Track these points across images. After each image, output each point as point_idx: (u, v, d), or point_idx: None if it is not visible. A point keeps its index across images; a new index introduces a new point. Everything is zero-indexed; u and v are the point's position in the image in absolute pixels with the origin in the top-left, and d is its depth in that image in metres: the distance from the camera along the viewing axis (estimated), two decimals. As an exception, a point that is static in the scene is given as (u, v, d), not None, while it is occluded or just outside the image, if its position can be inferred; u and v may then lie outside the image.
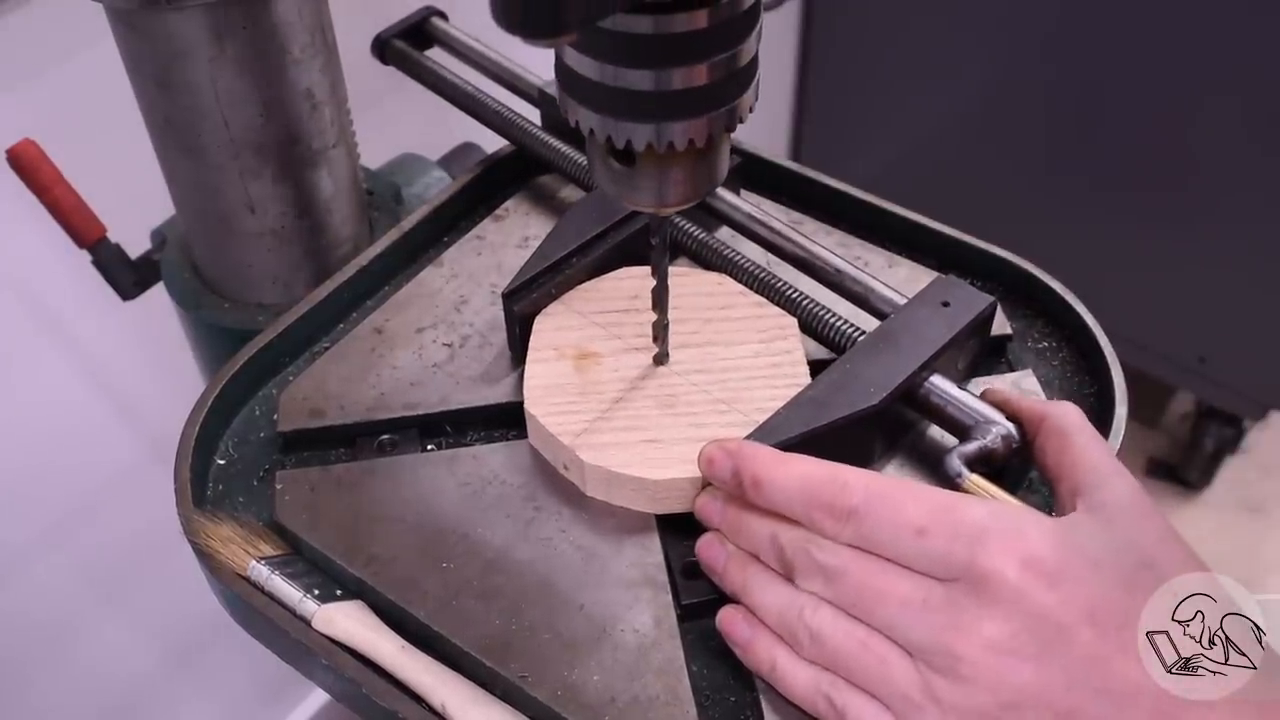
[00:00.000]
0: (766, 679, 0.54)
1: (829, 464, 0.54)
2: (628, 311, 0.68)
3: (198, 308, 0.85)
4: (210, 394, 0.67)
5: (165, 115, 0.75)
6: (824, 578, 0.51)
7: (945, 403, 0.61)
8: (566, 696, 0.54)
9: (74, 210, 0.87)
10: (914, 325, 0.63)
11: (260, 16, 0.71)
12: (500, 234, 0.78)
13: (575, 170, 0.78)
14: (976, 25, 1.76)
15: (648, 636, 0.56)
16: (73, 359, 1.13)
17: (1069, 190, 1.81)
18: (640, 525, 0.61)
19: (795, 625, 0.52)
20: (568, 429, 0.62)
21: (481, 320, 0.72)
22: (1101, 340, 0.68)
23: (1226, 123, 1.62)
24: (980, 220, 0.86)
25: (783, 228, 0.71)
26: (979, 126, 1.88)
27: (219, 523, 0.61)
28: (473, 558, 0.60)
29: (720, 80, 0.49)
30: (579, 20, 0.40)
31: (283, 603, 0.58)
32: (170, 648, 1.41)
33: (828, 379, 0.61)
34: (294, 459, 0.67)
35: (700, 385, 0.65)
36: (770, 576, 0.54)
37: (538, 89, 0.81)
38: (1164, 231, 1.76)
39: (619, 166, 0.53)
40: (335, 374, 0.69)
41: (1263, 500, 2.03)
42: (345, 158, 0.82)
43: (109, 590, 1.29)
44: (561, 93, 0.51)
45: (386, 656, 0.56)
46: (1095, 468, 0.53)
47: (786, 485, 0.53)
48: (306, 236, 0.82)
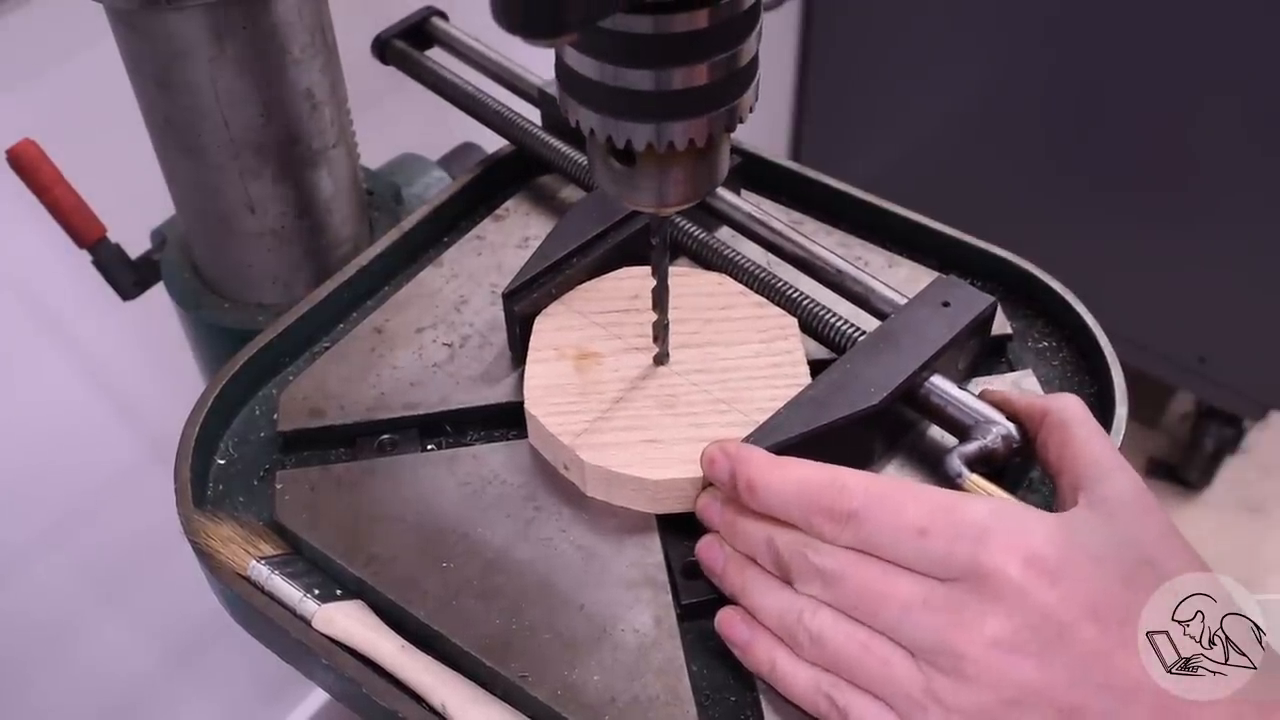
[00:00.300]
0: (766, 680, 0.54)
1: (826, 467, 0.54)
2: (628, 311, 0.68)
3: (198, 308, 0.85)
4: (210, 394, 0.67)
5: (165, 115, 0.75)
6: (822, 581, 0.51)
7: (945, 403, 0.61)
8: (566, 696, 0.54)
9: (74, 210, 0.87)
10: (914, 325, 0.63)
11: (260, 16, 0.71)
12: (500, 234, 0.78)
13: (575, 170, 0.78)
14: (976, 25, 1.76)
15: (648, 636, 0.56)
16: (73, 359, 1.13)
17: (1069, 190, 1.81)
18: (640, 525, 0.61)
19: (795, 628, 0.52)
20: (568, 429, 0.62)
21: (481, 320, 0.72)
22: (1101, 340, 0.68)
23: (1226, 123, 1.62)
24: (980, 220, 0.86)
25: (783, 228, 0.71)
26: (979, 126, 1.88)
27: (219, 522, 0.61)
28: (473, 558, 0.60)
29: (720, 80, 0.49)
30: (579, 21, 0.40)
31: (283, 602, 0.58)
32: (170, 648, 1.41)
33: (828, 379, 0.61)
34: (294, 459, 0.67)
35: (700, 385, 0.65)
36: (769, 579, 0.54)
37: (538, 89, 0.81)
38: (1164, 231, 1.76)
39: (619, 166, 0.53)
40: (335, 374, 0.69)
41: (1263, 500, 2.03)
42: (345, 158, 0.82)
43: (109, 590, 1.29)
44: (562, 93, 0.51)
45: (386, 656, 0.56)
46: (1097, 461, 0.53)
47: (782, 490, 0.53)
48: (306, 236, 0.82)
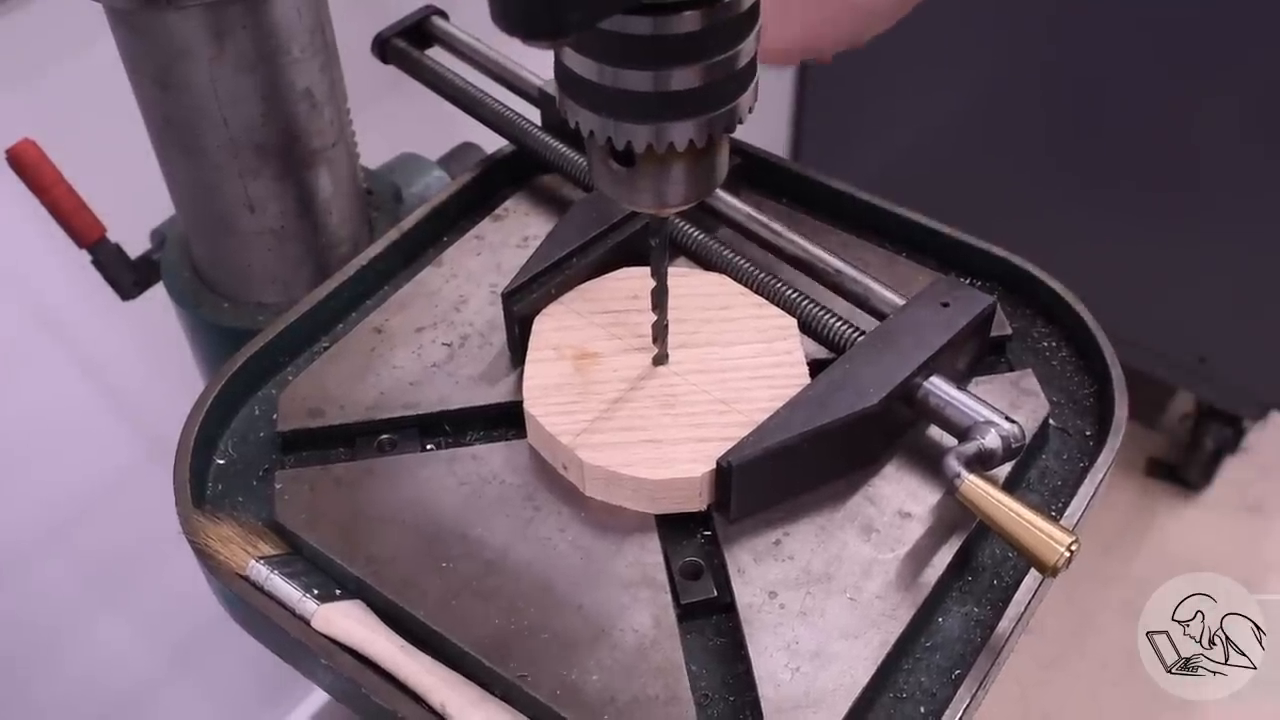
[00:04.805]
0: None
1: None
2: (628, 311, 0.68)
3: (197, 307, 0.85)
4: (210, 394, 0.67)
5: (165, 115, 0.75)
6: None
7: (944, 403, 0.61)
8: (566, 696, 0.54)
9: (74, 210, 0.87)
10: (913, 325, 0.63)
11: (260, 16, 0.71)
12: (500, 234, 0.78)
13: (575, 170, 0.78)
14: (976, 25, 1.76)
15: (647, 636, 0.56)
16: (73, 359, 1.13)
17: (1069, 190, 1.81)
18: (639, 525, 0.61)
19: None
20: (567, 429, 0.62)
21: (481, 320, 0.72)
22: (1101, 340, 0.68)
23: (1226, 123, 1.62)
24: (980, 220, 0.86)
25: (783, 228, 0.71)
26: (979, 127, 1.88)
27: (218, 522, 0.61)
28: (472, 558, 0.60)
29: (720, 81, 0.49)
30: (578, 22, 0.40)
31: (282, 602, 0.58)
32: (170, 648, 1.41)
33: (827, 379, 0.61)
34: (293, 459, 0.67)
35: (700, 385, 0.65)
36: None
37: (538, 89, 0.81)
38: (1164, 231, 1.76)
39: (619, 168, 0.53)
40: (335, 374, 0.69)
41: (1263, 500, 2.03)
42: (345, 157, 0.82)
43: (109, 590, 1.29)
44: (561, 94, 0.51)
45: (386, 656, 0.56)
46: None
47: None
48: (306, 236, 0.82)
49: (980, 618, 0.59)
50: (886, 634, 0.56)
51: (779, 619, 0.57)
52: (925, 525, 0.61)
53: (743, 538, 0.60)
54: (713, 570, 0.60)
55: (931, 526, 0.61)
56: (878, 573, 0.59)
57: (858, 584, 0.58)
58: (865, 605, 0.57)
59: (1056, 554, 0.55)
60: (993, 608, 0.59)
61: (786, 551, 0.60)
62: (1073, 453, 0.66)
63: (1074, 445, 0.67)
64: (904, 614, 0.57)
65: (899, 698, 0.56)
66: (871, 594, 0.58)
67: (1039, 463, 0.66)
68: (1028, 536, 0.55)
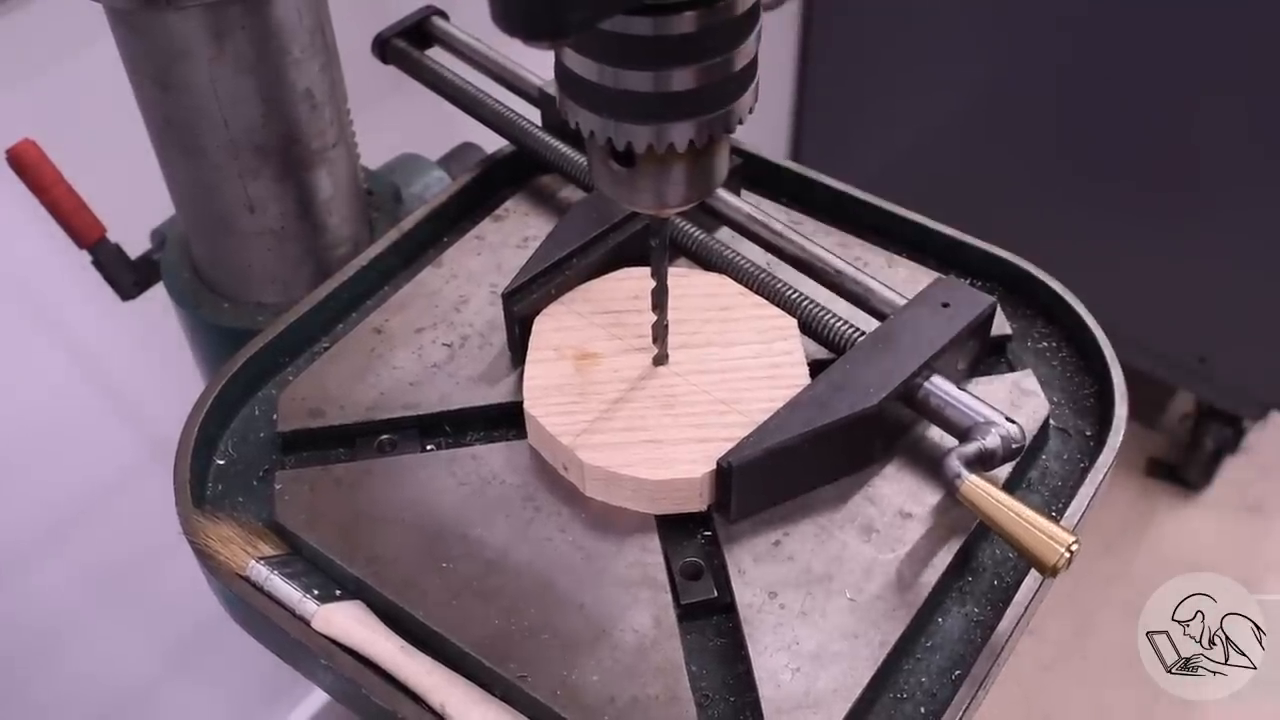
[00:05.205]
0: None
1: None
2: (628, 312, 0.68)
3: (197, 307, 0.85)
4: (210, 394, 0.67)
5: (165, 115, 0.75)
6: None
7: (944, 403, 0.61)
8: (566, 696, 0.54)
9: (74, 210, 0.87)
10: (914, 326, 0.63)
11: (260, 16, 0.71)
12: (500, 234, 0.78)
13: (575, 170, 0.78)
14: (976, 25, 1.76)
15: (647, 636, 0.56)
16: (73, 359, 1.13)
17: (1069, 190, 1.81)
18: (640, 525, 0.61)
19: None
20: (567, 429, 0.62)
21: (481, 320, 0.72)
22: (1101, 340, 0.68)
23: (1227, 123, 1.62)
24: (980, 220, 0.86)
25: (783, 228, 0.71)
26: (979, 126, 1.88)
27: (218, 522, 0.61)
28: (472, 558, 0.60)
29: (719, 82, 0.49)
30: (579, 23, 0.40)
31: (282, 603, 0.58)
32: (170, 648, 1.41)
33: (828, 379, 0.61)
34: (294, 459, 0.67)
35: (700, 386, 0.65)
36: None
37: (538, 89, 0.81)
38: (1164, 231, 1.76)
39: (619, 168, 0.53)
40: (335, 374, 0.69)
41: (1263, 500, 2.03)
42: (345, 158, 0.82)
43: (109, 590, 1.29)
44: (561, 95, 0.51)
45: (386, 657, 0.56)
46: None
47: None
48: (306, 236, 0.82)
49: (980, 618, 0.59)
50: (886, 634, 0.56)
51: (779, 619, 0.57)
52: (925, 525, 0.61)
53: (743, 538, 0.60)
54: (713, 570, 0.60)
55: (932, 527, 0.61)
56: (878, 573, 0.59)
57: (858, 584, 0.58)
58: (865, 605, 0.57)
59: (1056, 554, 0.55)
60: (993, 608, 0.59)
61: (787, 552, 0.60)
62: (1073, 453, 0.66)
63: (1074, 445, 0.67)
64: (904, 614, 0.57)
65: (899, 698, 0.56)
66: (872, 594, 0.58)
67: (1039, 463, 0.66)
68: (1028, 537, 0.55)
